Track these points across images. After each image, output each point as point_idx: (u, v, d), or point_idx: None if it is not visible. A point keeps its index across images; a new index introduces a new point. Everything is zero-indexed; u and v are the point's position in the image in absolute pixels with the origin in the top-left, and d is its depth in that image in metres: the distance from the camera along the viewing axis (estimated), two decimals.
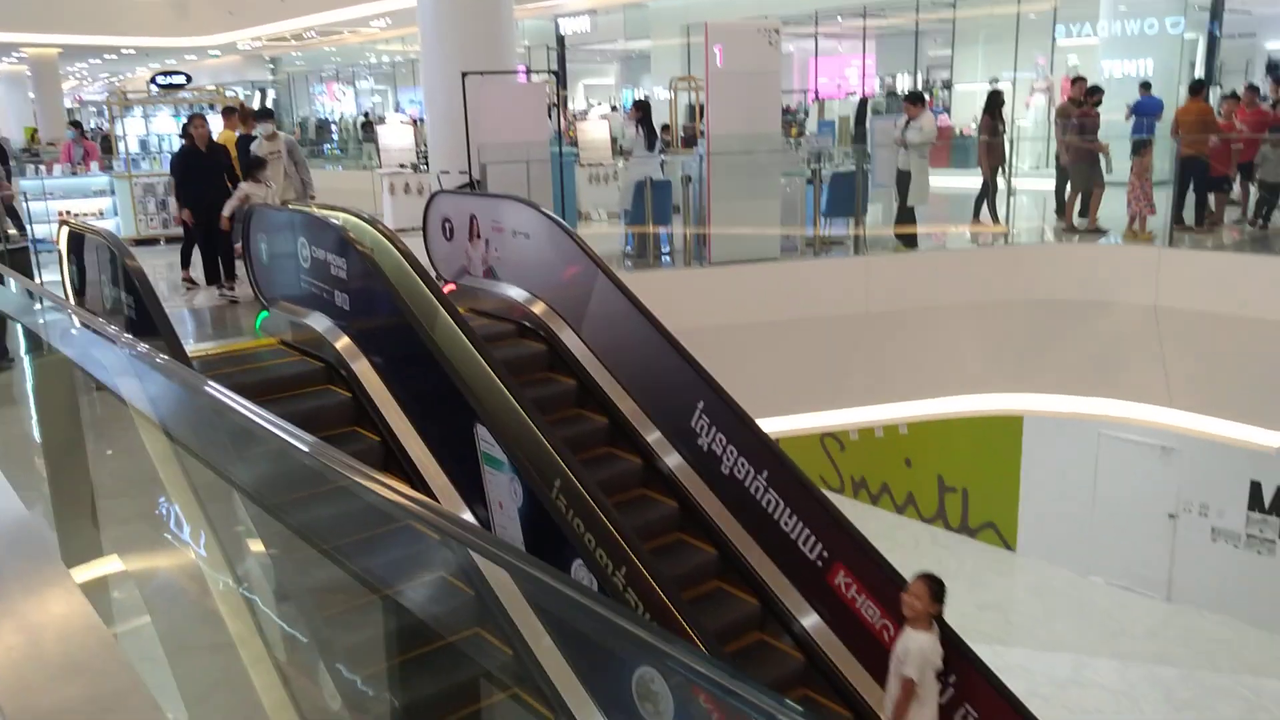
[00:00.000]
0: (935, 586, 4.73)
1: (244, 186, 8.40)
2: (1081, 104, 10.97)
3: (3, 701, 0.67)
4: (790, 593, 5.46)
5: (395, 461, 5.48)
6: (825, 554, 5.35)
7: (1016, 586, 12.65)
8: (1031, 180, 13.56)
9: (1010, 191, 10.54)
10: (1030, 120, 17.40)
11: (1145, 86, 13.95)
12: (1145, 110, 13.17)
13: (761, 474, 5.61)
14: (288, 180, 9.31)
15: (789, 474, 5.53)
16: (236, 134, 10.25)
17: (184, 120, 10.64)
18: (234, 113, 11.21)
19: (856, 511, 11.55)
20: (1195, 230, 9.98)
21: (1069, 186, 10.67)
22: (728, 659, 4.95)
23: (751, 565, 5.58)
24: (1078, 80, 11.69)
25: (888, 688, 4.81)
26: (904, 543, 13.07)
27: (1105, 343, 9.23)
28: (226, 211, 8.37)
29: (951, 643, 4.90)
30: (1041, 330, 9.37)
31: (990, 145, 10.74)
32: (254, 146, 9.57)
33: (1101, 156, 10.32)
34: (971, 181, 11.08)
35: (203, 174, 8.90)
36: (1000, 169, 10.65)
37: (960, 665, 4.90)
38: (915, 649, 4.57)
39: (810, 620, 5.38)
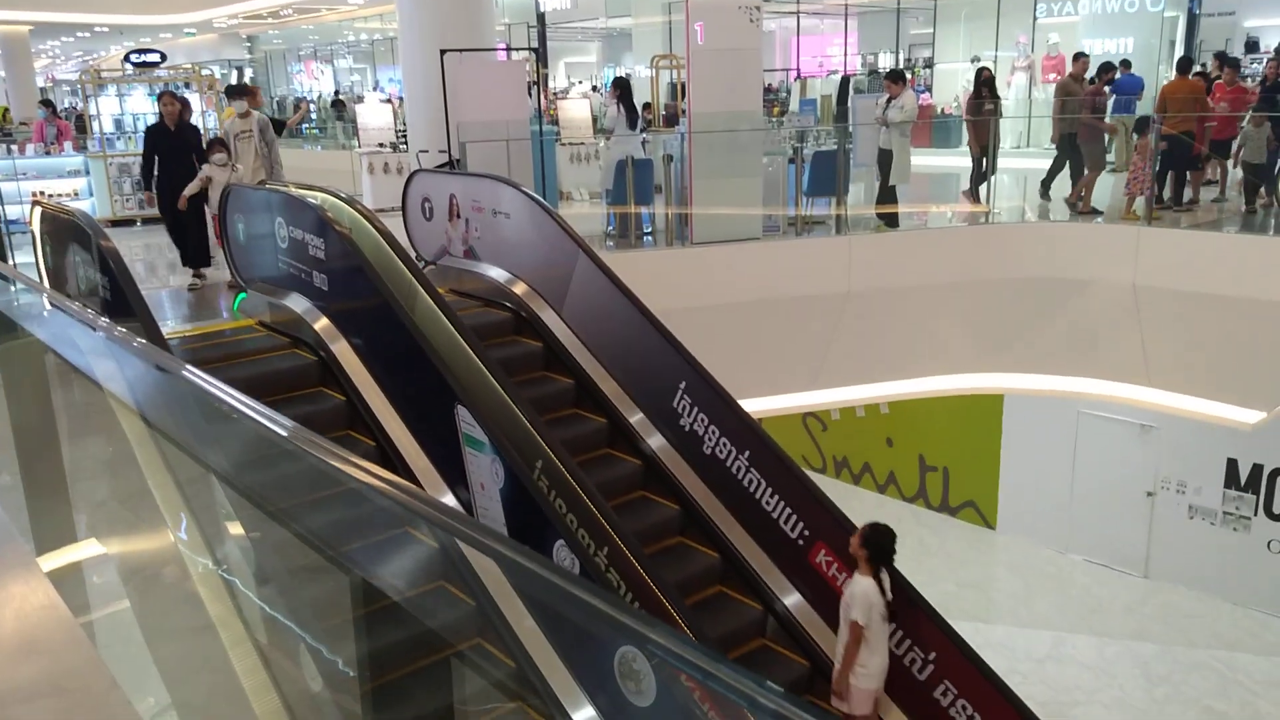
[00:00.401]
0: (868, 531, 4.90)
1: (205, 169, 8.20)
2: (1092, 81, 10.92)
3: None
4: (772, 571, 5.48)
5: (376, 444, 5.44)
6: (807, 533, 5.37)
7: (997, 564, 12.77)
8: (1012, 159, 13.58)
9: (992, 170, 10.55)
10: (1011, 99, 17.42)
11: (1125, 64, 13.99)
12: (1125, 89, 13.20)
13: (744, 454, 5.62)
14: (259, 161, 9.01)
15: (771, 454, 5.53)
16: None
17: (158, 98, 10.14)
18: (244, 92, 10.98)
19: (838, 491, 11.61)
20: (1175, 209, 10.03)
21: (1079, 167, 10.50)
22: (708, 641, 4.97)
23: (737, 549, 5.59)
24: (1080, 57, 11.60)
25: (839, 634, 4.92)
26: (886, 521, 13.13)
27: (1085, 322, 9.28)
28: (187, 193, 8.19)
29: (929, 617, 4.94)
30: (1022, 309, 9.41)
31: (979, 126, 10.70)
32: (227, 125, 9.27)
33: (1107, 136, 10.29)
34: (953, 161, 11.09)
35: (170, 154, 8.61)
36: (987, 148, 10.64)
37: (940, 642, 4.93)
38: (859, 593, 4.75)
39: (793, 599, 5.41)
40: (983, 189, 10.45)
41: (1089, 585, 11.83)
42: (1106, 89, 10.94)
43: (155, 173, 8.68)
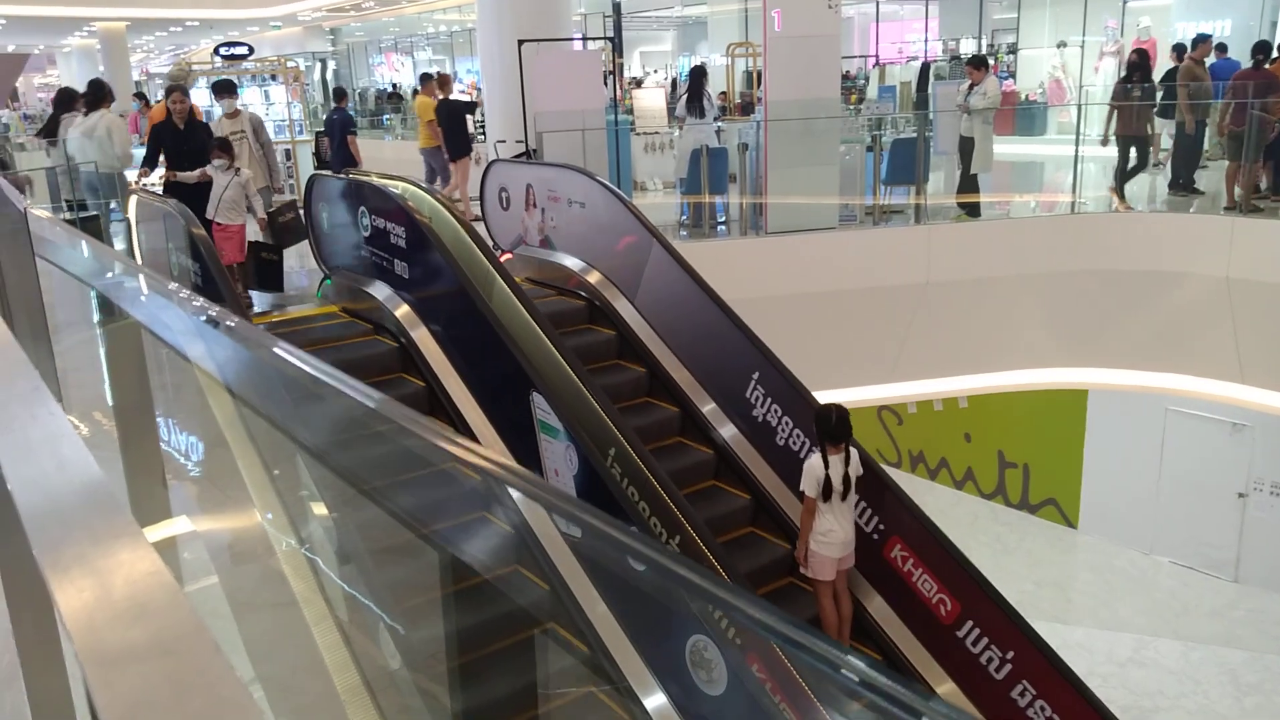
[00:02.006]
0: (818, 412, 5.20)
1: (207, 170, 7.42)
2: (1181, 57, 10.42)
3: (75, 641, 0.69)
4: None
5: (453, 427, 5.54)
6: (882, 528, 5.30)
7: (1077, 564, 12.43)
8: (1099, 148, 13.15)
9: (1078, 159, 10.23)
10: (1099, 85, 16.87)
11: (1221, 49, 13.41)
12: (1222, 74, 12.66)
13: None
14: (255, 164, 8.30)
15: None
16: (435, 100, 10.30)
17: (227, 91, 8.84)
18: (430, 79, 11.03)
19: (914, 486, 11.44)
20: (1274, 198, 9.60)
21: (1192, 157, 9.96)
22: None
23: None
24: (1202, 40, 11.01)
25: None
26: (962, 519, 12.90)
27: (1174, 315, 8.95)
28: (182, 177, 7.47)
29: (1006, 615, 4.84)
30: (1107, 302, 9.13)
31: (1127, 113, 10.03)
32: (213, 126, 8.44)
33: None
34: (1037, 149, 10.77)
35: (179, 157, 7.68)
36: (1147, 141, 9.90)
37: (1018, 641, 4.83)
38: (807, 468, 5.04)
39: (864, 592, 5.35)
40: (1081, 179, 10.06)
41: (1174, 588, 11.44)
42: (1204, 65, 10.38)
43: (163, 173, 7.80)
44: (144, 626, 0.78)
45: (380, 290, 6.19)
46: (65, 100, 10.08)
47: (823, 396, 6.05)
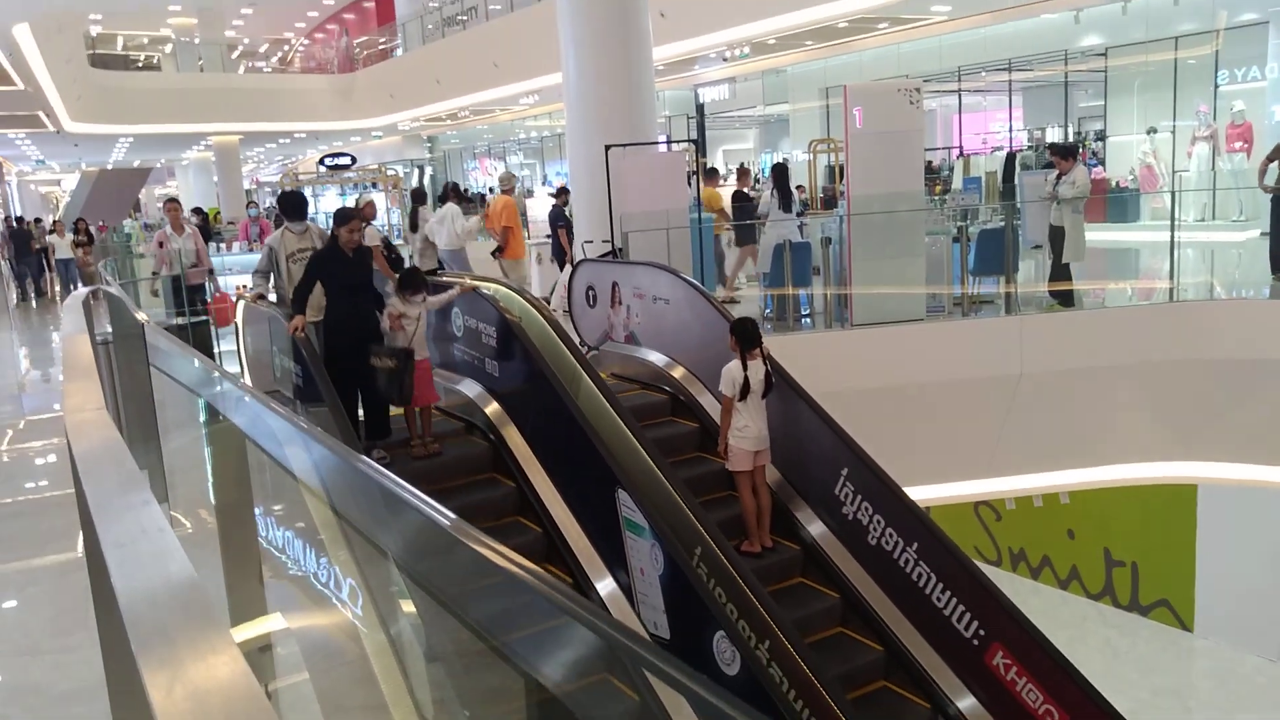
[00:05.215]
0: (734, 324, 5.85)
1: (393, 303, 6.05)
2: None
3: None
4: (944, 673, 5.19)
5: (541, 526, 5.56)
6: (982, 632, 5.07)
7: (1195, 671, 11.63)
8: (1197, 233, 12.81)
9: (1175, 245, 9.96)
10: (1193, 170, 16.50)
11: None
12: None
13: (911, 545, 5.39)
14: None
15: (941, 546, 5.29)
16: (721, 193, 10.95)
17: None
18: (715, 174, 11.58)
19: (1015, 586, 10.94)
20: None
21: None
22: None
23: (905, 645, 5.34)
24: None
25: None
26: (1068, 621, 12.25)
27: None
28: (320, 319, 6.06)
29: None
30: (1215, 393, 8.74)
31: None
32: (271, 241, 6.75)
33: None
34: (1131, 236, 10.53)
35: (344, 292, 6.06)
36: None
37: None
38: (724, 372, 5.70)
39: (967, 703, 5.09)
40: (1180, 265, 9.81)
41: None
42: None
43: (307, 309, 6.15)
44: None
45: (471, 388, 6.33)
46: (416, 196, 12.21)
47: (915, 492, 5.90)
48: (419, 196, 12.50)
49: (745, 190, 12.18)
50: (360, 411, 6.10)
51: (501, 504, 5.76)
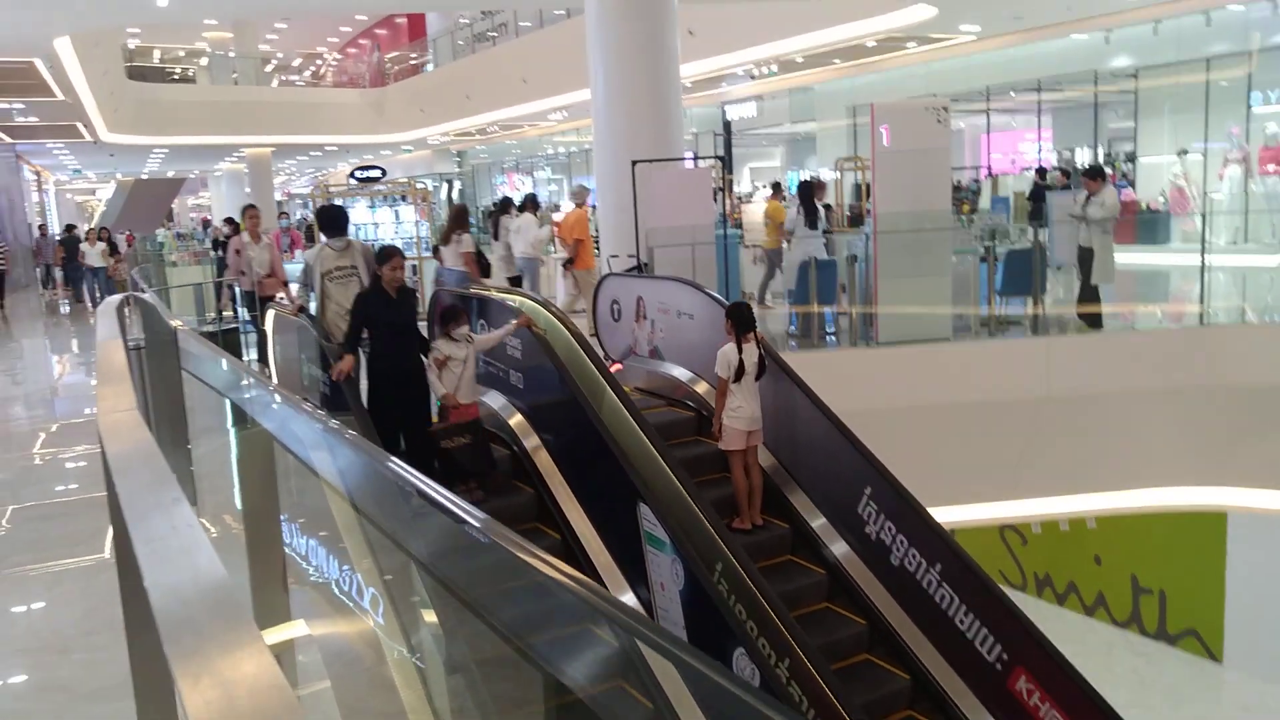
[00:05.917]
0: (729, 308, 6.02)
1: (440, 346, 5.81)
2: None
3: None
4: (966, 697, 5.13)
5: (562, 538, 5.56)
6: (1005, 657, 5.01)
7: (1227, 703, 11.40)
8: (1227, 257, 12.66)
9: (1205, 268, 9.85)
10: (1225, 193, 16.33)
11: None
12: None
13: (934, 567, 5.34)
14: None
15: (965, 568, 5.23)
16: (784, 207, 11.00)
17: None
18: (779, 189, 11.66)
19: (1041, 612, 10.77)
20: None
21: None
22: None
23: (927, 668, 5.28)
24: None
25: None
26: (1094, 647, 12.05)
27: None
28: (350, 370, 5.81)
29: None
30: (1246, 418, 8.62)
31: None
32: (308, 258, 6.80)
33: None
34: (1160, 258, 10.45)
35: (388, 335, 5.94)
36: None
37: None
38: (720, 354, 5.84)
39: None
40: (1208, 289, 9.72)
41: None
42: None
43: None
44: None
45: (495, 399, 6.36)
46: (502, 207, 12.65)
47: (939, 513, 5.84)
48: (504, 206, 13.18)
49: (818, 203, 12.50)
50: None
51: (522, 509, 5.77)
